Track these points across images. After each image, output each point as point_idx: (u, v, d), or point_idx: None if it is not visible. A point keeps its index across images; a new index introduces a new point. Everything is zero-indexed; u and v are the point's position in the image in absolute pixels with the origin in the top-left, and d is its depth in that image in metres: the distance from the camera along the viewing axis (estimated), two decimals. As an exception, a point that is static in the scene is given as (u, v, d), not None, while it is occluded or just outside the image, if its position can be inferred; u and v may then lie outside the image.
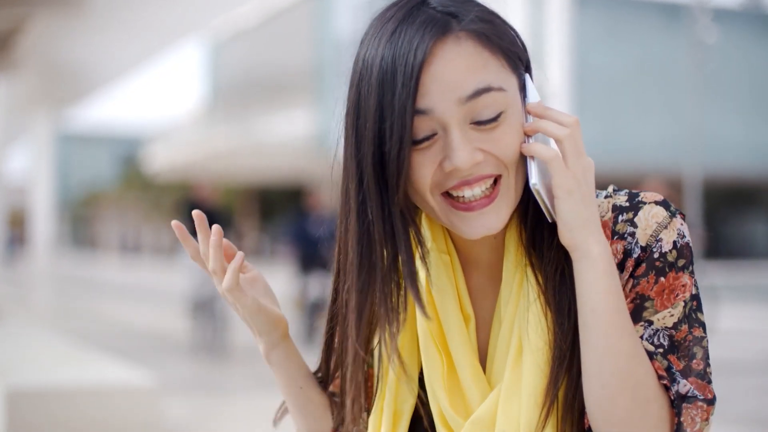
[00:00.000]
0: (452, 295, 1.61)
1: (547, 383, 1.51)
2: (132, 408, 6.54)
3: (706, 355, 1.52)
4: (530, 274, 1.55)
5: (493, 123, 1.48)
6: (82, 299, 26.92)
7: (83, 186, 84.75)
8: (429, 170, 1.49)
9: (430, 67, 1.47)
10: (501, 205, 1.51)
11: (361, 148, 1.51)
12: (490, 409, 1.54)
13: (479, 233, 1.52)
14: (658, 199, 1.56)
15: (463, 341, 1.59)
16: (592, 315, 1.46)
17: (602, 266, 1.46)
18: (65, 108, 25.69)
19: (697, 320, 1.52)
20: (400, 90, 1.46)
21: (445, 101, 1.47)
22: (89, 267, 57.88)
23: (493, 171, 1.50)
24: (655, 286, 1.51)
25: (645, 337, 1.50)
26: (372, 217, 1.52)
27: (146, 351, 14.16)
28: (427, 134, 1.49)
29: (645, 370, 1.46)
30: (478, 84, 1.47)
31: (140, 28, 17.27)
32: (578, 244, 1.48)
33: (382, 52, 1.49)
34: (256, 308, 1.66)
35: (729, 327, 15.68)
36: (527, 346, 1.53)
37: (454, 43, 1.48)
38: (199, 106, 61.08)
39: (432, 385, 1.60)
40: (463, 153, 1.47)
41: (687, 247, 1.53)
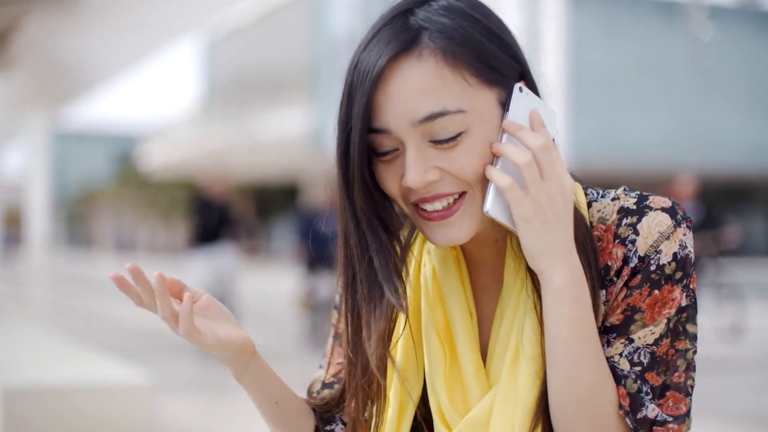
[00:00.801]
0: (459, 289, 1.61)
1: (539, 394, 1.50)
2: (128, 406, 6.54)
3: (690, 367, 1.51)
4: (528, 282, 1.55)
5: (451, 142, 1.46)
6: (78, 297, 26.90)
7: (79, 184, 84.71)
8: (394, 182, 1.51)
9: (386, 85, 1.46)
10: (463, 219, 1.51)
11: (336, 152, 1.53)
12: (485, 410, 1.54)
13: (441, 243, 1.52)
14: (665, 205, 1.53)
15: (467, 335, 1.59)
16: (554, 341, 1.46)
17: (564, 296, 1.45)
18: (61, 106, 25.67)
19: (684, 332, 1.51)
20: (357, 108, 1.47)
21: (398, 122, 1.46)
22: (85, 265, 57.84)
23: (454, 189, 1.49)
24: (647, 298, 1.49)
25: (624, 354, 1.49)
26: (347, 220, 1.56)
27: (143, 349, 14.15)
28: (389, 149, 1.50)
29: (606, 398, 1.46)
30: (433, 108, 1.45)
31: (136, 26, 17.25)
32: (540, 271, 1.46)
33: (356, 59, 1.50)
34: (217, 344, 1.61)
35: (726, 324, 15.68)
36: (523, 352, 1.52)
37: (416, 60, 1.46)
38: (195, 104, 61.06)
39: (432, 380, 1.59)
40: (414, 173, 1.47)
41: (687, 259, 1.51)
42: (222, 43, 55.31)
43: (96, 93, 25.02)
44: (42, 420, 6.26)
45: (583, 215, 1.54)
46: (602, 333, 1.52)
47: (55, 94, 23.05)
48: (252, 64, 50.50)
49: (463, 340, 1.58)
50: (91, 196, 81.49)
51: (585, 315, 1.46)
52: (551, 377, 1.47)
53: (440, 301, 1.62)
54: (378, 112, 1.47)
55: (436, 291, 1.62)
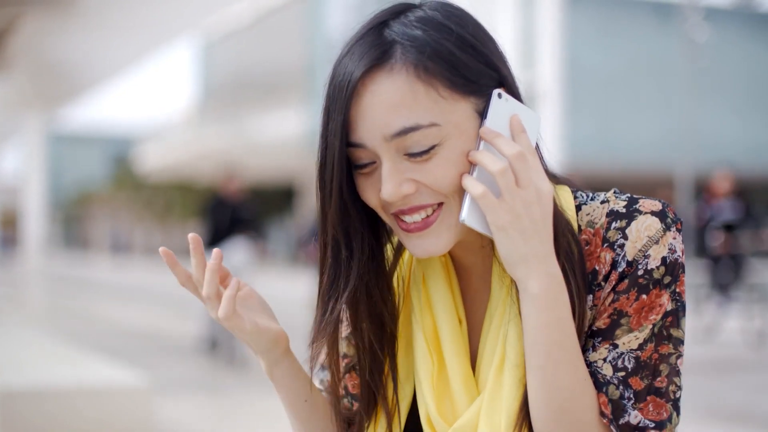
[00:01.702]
0: (447, 296, 1.62)
1: (522, 401, 1.51)
2: (125, 407, 6.54)
3: (673, 372, 1.50)
4: (513, 288, 1.54)
5: (425, 155, 1.47)
6: (74, 299, 26.88)
7: (75, 186, 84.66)
8: (373, 194, 1.52)
9: (360, 100, 1.47)
10: (441, 230, 1.51)
11: (317, 164, 1.55)
12: (472, 418, 1.54)
13: (420, 255, 1.53)
14: (655, 209, 1.52)
15: (455, 343, 1.59)
16: (532, 348, 1.46)
17: (541, 303, 1.44)
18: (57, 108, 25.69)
19: (668, 337, 1.50)
20: (334, 124, 1.49)
21: (372, 137, 1.47)
22: (81, 267, 57.79)
23: (431, 200, 1.50)
24: (635, 303, 1.49)
25: (609, 360, 1.48)
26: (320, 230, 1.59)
27: (139, 351, 14.15)
28: (366, 162, 1.51)
29: (583, 404, 1.46)
30: (405, 122, 1.45)
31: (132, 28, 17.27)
32: (518, 279, 1.46)
33: (333, 72, 1.52)
34: (256, 331, 1.61)
35: (721, 324, 15.68)
36: (507, 359, 1.53)
37: (387, 75, 1.46)
38: (191, 105, 61.08)
39: (421, 387, 1.60)
40: (389, 186, 1.48)
41: (677, 263, 1.50)
42: (217, 45, 55.32)
43: (92, 95, 25.04)
44: (39, 422, 6.27)
45: (568, 220, 1.54)
46: (589, 337, 1.52)
47: (51, 95, 23.06)
48: (247, 66, 50.52)
49: (451, 347, 1.58)
50: (87, 197, 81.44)
51: (563, 322, 1.46)
52: (529, 384, 1.47)
53: (429, 308, 1.62)
54: (354, 126, 1.48)
55: (425, 298, 1.63)
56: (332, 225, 1.55)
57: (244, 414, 9.18)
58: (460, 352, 1.59)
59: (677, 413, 1.50)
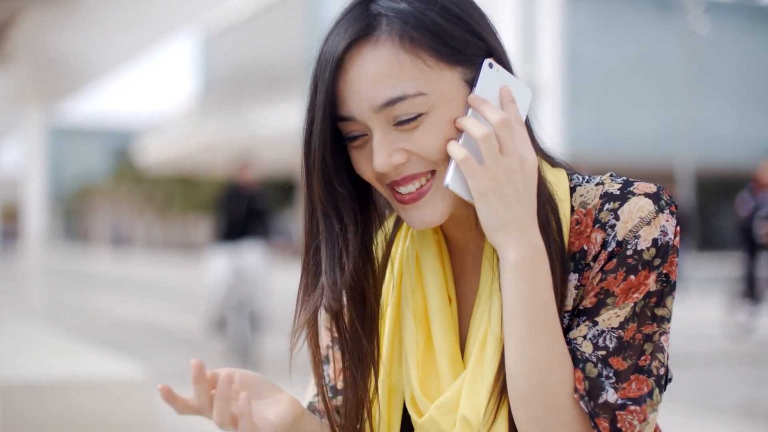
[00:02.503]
0: (438, 274, 1.62)
1: (496, 372, 1.51)
2: (125, 401, 6.54)
3: (657, 349, 1.49)
4: (495, 261, 1.54)
5: (412, 122, 1.48)
6: (74, 293, 26.90)
7: (76, 179, 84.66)
8: (368, 167, 1.54)
9: (346, 73, 1.49)
10: (435, 199, 1.52)
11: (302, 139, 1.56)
12: (455, 393, 1.55)
13: (417, 225, 1.54)
14: (649, 191, 1.51)
15: (444, 321, 1.60)
16: (509, 318, 1.46)
17: (521, 271, 1.45)
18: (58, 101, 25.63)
19: (652, 317, 1.48)
20: (320, 97, 1.51)
21: (361, 109, 1.49)
22: (82, 260, 57.79)
23: (423, 169, 1.52)
24: (622, 283, 1.48)
25: (589, 337, 1.48)
26: (304, 207, 1.60)
27: (138, 344, 14.16)
28: (357, 134, 1.53)
29: (559, 378, 1.45)
30: (392, 93, 1.47)
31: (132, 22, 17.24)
32: (498, 246, 1.47)
33: (320, 50, 1.54)
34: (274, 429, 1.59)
35: (721, 317, 15.69)
36: (491, 332, 1.53)
37: (372, 46, 1.48)
38: (192, 99, 61.06)
39: (407, 365, 1.61)
40: (380, 157, 1.49)
41: (668, 245, 1.49)
42: (218, 39, 55.31)
43: (92, 88, 25.01)
44: (38, 415, 6.27)
45: (551, 194, 1.54)
46: (574, 316, 1.51)
47: (51, 89, 23.01)
48: (248, 59, 50.50)
49: (439, 325, 1.59)
50: (87, 191, 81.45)
51: (542, 292, 1.45)
52: (507, 356, 1.47)
53: (421, 286, 1.63)
54: (342, 100, 1.50)
55: (417, 275, 1.64)
56: (318, 198, 1.56)
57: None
58: (449, 330, 1.59)
59: (660, 390, 1.49)
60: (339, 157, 1.57)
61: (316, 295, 1.58)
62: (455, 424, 1.54)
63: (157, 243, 73.34)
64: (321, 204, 1.56)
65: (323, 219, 1.57)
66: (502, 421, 1.51)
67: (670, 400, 8.86)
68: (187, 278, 36.27)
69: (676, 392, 9.35)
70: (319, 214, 1.57)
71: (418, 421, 1.59)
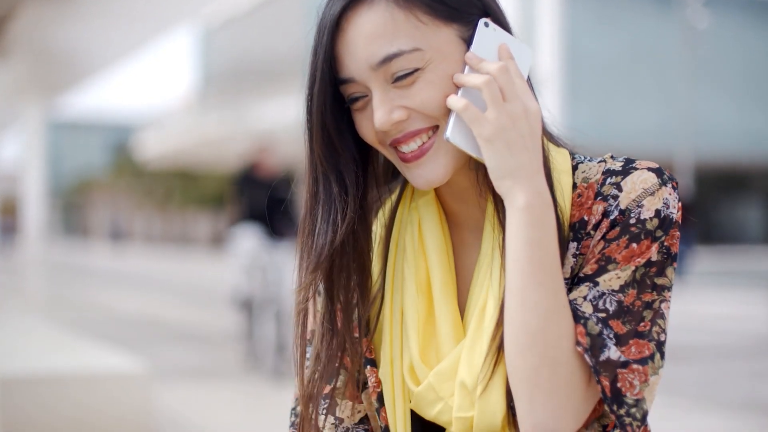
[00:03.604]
0: (441, 242, 1.63)
1: (494, 329, 1.51)
2: (124, 395, 6.54)
3: (657, 315, 1.48)
4: (497, 224, 1.56)
5: (409, 77, 1.50)
6: (73, 287, 26.92)
7: (75, 173, 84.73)
8: (370, 128, 1.56)
9: (343, 35, 1.53)
10: (438, 155, 1.54)
11: (304, 105, 1.59)
12: (454, 360, 1.55)
13: (420, 184, 1.56)
14: (652, 166, 1.54)
15: (446, 287, 1.61)
16: (513, 265, 1.46)
17: (527, 217, 1.44)
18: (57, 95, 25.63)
19: (652, 285, 1.48)
20: (319, 60, 1.55)
21: (359, 69, 1.52)
22: (81, 254, 57.82)
23: (424, 124, 1.53)
24: (624, 250, 1.48)
25: (589, 298, 1.47)
26: (306, 177, 1.62)
27: (138, 338, 14.16)
28: (358, 95, 1.55)
29: (560, 330, 1.43)
30: (388, 50, 1.49)
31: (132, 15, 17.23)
32: (505, 192, 1.47)
33: (318, 19, 1.59)
34: None
35: (720, 312, 15.70)
36: (491, 296, 1.54)
37: (367, 7, 1.52)
38: (191, 93, 61.03)
39: (407, 333, 1.61)
40: (380, 114, 1.51)
41: (669, 218, 1.50)
42: (217, 32, 55.28)
43: (92, 82, 25.01)
44: (38, 409, 6.27)
45: (547, 156, 1.55)
46: (574, 284, 1.51)
47: (50, 83, 23.02)
48: (247, 53, 50.48)
49: (441, 292, 1.60)
50: (86, 185, 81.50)
51: (547, 241, 1.45)
52: (507, 304, 1.46)
53: (423, 253, 1.64)
54: (341, 63, 1.54)
55: (420, 244, 1.65)
56: (318, 158, 1.58)
57: (244, 401, 9.19)
58: (451, 297, 1.60)
59: (661, 356, 1.48)
60: (343, 123, 1.59)
61: (313, 258, 1.60)
62: (453, 392, 1.54)
63: (157, 237, 73.38)
64: (321, 165, 1.59)
65: (323, 180, 1.59)
66: (498, 378, 1.50)
67: (670, 394, 8.88)
68: (187, 272, 36.29)
69: (675, 386, 9.36)
70: (319, 175, 1.59)
71: (416, 390, 1.58)
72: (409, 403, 1.62)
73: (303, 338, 1.66)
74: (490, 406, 1.50)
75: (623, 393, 1.44)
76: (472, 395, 1.52)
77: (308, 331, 1.69)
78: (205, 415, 8.62)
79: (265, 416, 8.52)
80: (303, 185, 1.63)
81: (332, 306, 1.64)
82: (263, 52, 48.45)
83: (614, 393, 1.44)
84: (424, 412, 1.59)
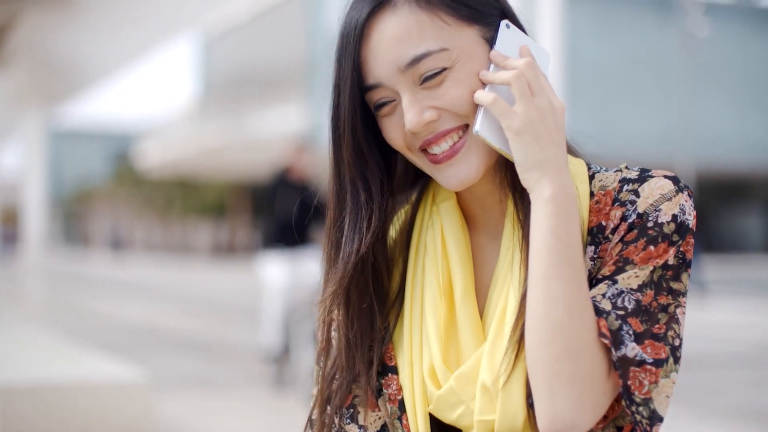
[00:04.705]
0: (463, 246, 1.65)
1: (514, 322, 1.52)
2: (124, 404, 6.54)
3: (672, 320, 1.49)
4: (517, 222, 1.58)
5: (438, 77, 1.53)
6: (74, 295, 26.91)
7: (75, 182, 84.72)
8: (399, 133, 1.58)
9: (368, 42, 1.55)
10: (470, 153, 1.56)
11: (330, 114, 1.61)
12: (475, 362, 1.56)
13: (453, 184, 1.57)
14: (668, 174, 1.56)
15: (468, 292, 1.62)
16: (537, 256, 1.47)
17: (553, 208, 1.46)
18: (57, 104, 25.66)
19: (668, 288, 1.50)
20: (345, 67, 1.56)
21: (387, 73, 1.54)
22: (81, 263, 57.81)
23: (455, 123, 1.56)
24: (642, 252, 1.50)
25: (608, 295, 1.48)
26: (332, 180, 1.64)
27: (138, 347, 14.16)
28: (385, 100, 1.57)
29: (583, 322, 1.44)
30: (416, 51, 1.52)
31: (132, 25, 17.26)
32: (532, 184, 1.49)
33: (340, 27, 1.59)
34: None
35: (721, 320, 15.69)
36: (512, 295, 1.55)
37: (391, 12, 1.54)
38: (191, 102, 61.03)
39: (427, 335, 1.62)
40: (411, 115, 1.53)
41: (685, 224, 1.52)
42: (218, 41, 55.31)
43: (92, 91, 25.04)
44: (38, 418, 6.27)
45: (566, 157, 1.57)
46: (593, 285, 1.53)
47: (51, 92, 23.05)
48: (248, 62, 50.50)
49: (463, 298, 1.61)
50: (87, 194, 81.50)
51: (571, 234, 1.47)
52: (529, 295, 1.47)
53: (445, 259, 1.65)
54: (367, 69, 1.56)
55: (442, 247, 1.66)
56: (348, 166, 1.61)
57: (244, 410, 9.19)
58: (471, 301, 1.62)
59: (675, 360, 1.49)
60: (368, 130, 1.61)
61: (339, 267, 1.62)
62: (474, 395, 1.55)
63: (157, 246, 73.35)
64: (350, 172, 1.61)
65: (350, 188, 1.61)
66: (518, 374, 1.51)
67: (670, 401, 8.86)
68: (187, 281, 36.27)
69: (675, 394, 9.34)
70: (347, 184, 1.61)
71: (437, 393, 1.59)
72: (427, 407, 1.62)
73: (327, 348, 1.70)
74: (511, 408, 1.51)
75: (631, 391, 1.45)
76: (494, 395, 1.52)
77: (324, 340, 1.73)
78: (205, 424, 8.61)
79: (266, 425, 8.51)
80: (328, 194, 1.65)
81: (350, 314, 1.65)
82: (264, 61, 48.49)
83: (624, 390, 1.45)
84: (444, 415, 1.59)
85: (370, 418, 1.67)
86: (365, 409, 1.67)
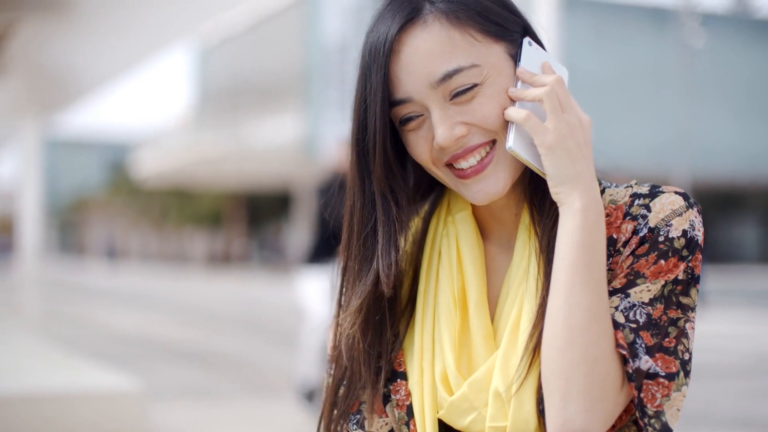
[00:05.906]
0: (478, 256, 1.67)
1: (528, 334, 1.54)
2: (119, 414, 6.53)
3: (682, 334, 1.52)
4: (533, 233, 1.61)
5: (469, 93, 1.55)
6: (69, 305, 26.89)
7: (71, 191, 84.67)
8: (425, 148, 1.59)
9: (399, 56, 1.56)
10: (497, 169, 1.58)
11: (353, 128, 1.62)
12: (488, 369, 1.58)
13: (480, 199, 1.59)
14: (678, 190, 1.58)
15: (481, 303, 1.63)
16: (561, 264, 1.49)
17: (581, 220, 1.49)
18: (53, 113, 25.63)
19: (677, 303, 1.53)
20: (374, 82, 1.57)
21: (418, 88, 1.55)
22: (77, 272, 57.76)
23: (484, 139, 1.57)
24: (653, 266, 1.53)
25: (620, 309, 1.51)
26: (356, 194, 1.64)
27: (134, 356, 14.14)
28: (412, 115, 1.58)
29: (601, 330, 1.46)
30: (447, 67, 1.54)
31: (129, 33, 17.25)
32: (563, 198, 1.51)
33: (366, 40, 1.60)
34: None
35: (717, 330, 15.71)
36: (526, 306, 1.57)
37: (421, 28, 1.56)
38: (188, 111, 61.05)
39: (441, 342, 1.63)
40: (442, 130, 1.55)
41: (695, 240, 1.54)
42: (214, 51, 55.32)
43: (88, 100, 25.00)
44: (34, 427, 6.26)
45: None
46: None
47: (47, 101, 23.03)
48: (244, 72, 50.51)
49: (476, 308, 1.63)
50: (83, 203, 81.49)
51: (596, 248, 1.50)
52: (551, 303, 1.50)
53: (460, 269, 1.67)
54: (396, 83, 1.57)
55: (458, 259, 1.68)
56: (378, 180, 1.61)
57: (239, 420, 9.17)
58: (484, 311, 1.63)
59: (685, 374, 1.51)
60: (395, 144, 1.62)
61: (369, 280, 1.63)
62: (487, 401, 1.57)
63: (153, 255, 73.31)
64: (380, 187, 1.62)
65: (381, 202, 1.62)
66: (531, 381, 1.53)
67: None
68: (183, 291, 36.26)
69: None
70: (378, 198, 1.62)
71: (449, 399, 1.60)
72: (437, 413, 1.63)
73: (337, 357, 1.71)
74: (522, 414, 1.53)
75: (644, 404, 1.47)
76: (506, 402, 1.54)
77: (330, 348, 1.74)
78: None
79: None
80: (348, 207, 1.66)
81: (362, 326, 1.67)
82: (260, 71, 48.51)
83: (638, 402, 1.47)
84: (455, 422, 1.61)
85: (377, 424, 1.68)
86: (372, 415, 1.68)
